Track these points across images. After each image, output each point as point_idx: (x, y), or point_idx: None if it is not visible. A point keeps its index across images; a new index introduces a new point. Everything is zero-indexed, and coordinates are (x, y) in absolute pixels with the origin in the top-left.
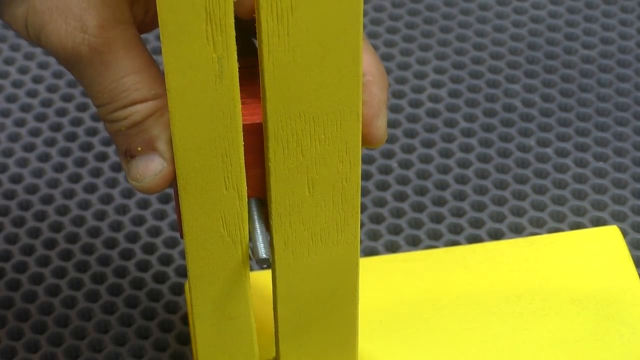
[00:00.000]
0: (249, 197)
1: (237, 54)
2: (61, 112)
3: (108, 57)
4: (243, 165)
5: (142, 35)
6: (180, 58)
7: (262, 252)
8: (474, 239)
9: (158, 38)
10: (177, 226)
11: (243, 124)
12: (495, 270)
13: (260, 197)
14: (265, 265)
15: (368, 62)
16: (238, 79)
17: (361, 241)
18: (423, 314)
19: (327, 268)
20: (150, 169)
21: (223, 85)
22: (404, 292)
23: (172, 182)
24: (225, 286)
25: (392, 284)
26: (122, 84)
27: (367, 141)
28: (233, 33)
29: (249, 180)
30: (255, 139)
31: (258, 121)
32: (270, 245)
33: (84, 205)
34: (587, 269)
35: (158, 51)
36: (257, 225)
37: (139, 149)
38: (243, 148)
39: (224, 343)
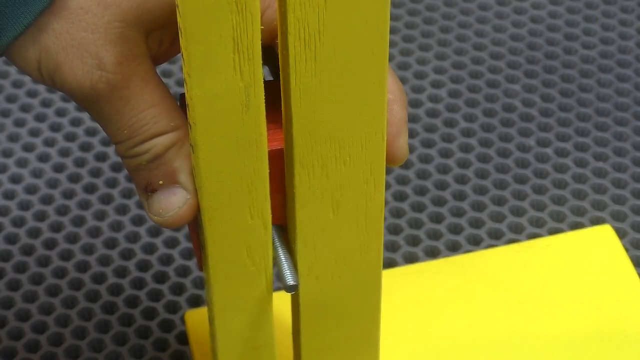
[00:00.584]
0: (275, 222)
1: None
2: (61, 112)
3: (126, 92)
4: (268, 193)
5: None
6: (207, 89)
7: (290, 280)
8: (473, 239)
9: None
10: (196, 258)
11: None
12: (495, 277)
13: (280, 224)
14: (292, 292)
15: (389, 81)
16: (264, 110)
17: None
18: (428, 327)
19: (350, 290)
20: (173, 202)
21: (250, 114)
22: (405, 306)
23: (195, 216)
24: (249, 316)
25: (393, 299)
26: (142, 119)
27: (389, 160)
28: (260, 61)
29: (273, 207)
30: (277, 165)
31: (279, 147)
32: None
33: (84, 205)
34: (586, 270)
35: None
36: (281, 252)
37: (161, 182)
38: (268, 179)
39: None
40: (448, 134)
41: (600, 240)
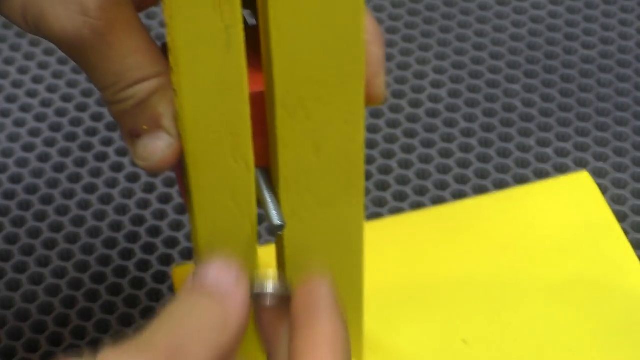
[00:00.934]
0: (256, 165)
1: None
2: (61, 112)
3: (110, 38)
4: (250, 136)
5: None
6: (187, 30)
7: (276, 219)
8: None
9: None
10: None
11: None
12: (476, 226)
13: (264, 166)
14: (279, 232)
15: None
16: (245, 51)
17: None
18: (411, 275)
19: (333, 234)
20: (157, 146)
21: (231, 55)
22: (388, 256)
23: (178, 160)
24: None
25: (376, 249)
26: (126, 64)
27: (368, 99)
28: (239, 2)
29: (255, 148)
30: (259, 108)
31: (261, 90)
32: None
33: (84, 205)
34: (565, 216)
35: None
36: (267, 193)
37: (145, 127)
38: (250, 122)
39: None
40: (448, 134)
41: (579, 187)
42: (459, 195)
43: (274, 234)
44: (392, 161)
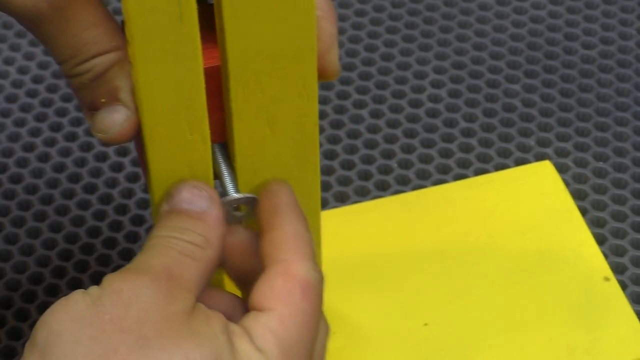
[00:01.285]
0: (216, 141)
1: None
2: (61, 112)
3: (68, 12)
4: (205, 109)
5: None
6: (141, 2)
7: (232, 192)
8: None
9: None
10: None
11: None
12: (439, 212)
13: (222, 142)
14: (234, 205)
15: None
16: (198, 23)
17: None
18: (375, 261)
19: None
20: (115, 119)
21: (184, 26)
22: (352, 243)
23: (136, 132)
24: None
25: (343, 236)
26: (83, 38)
27: (321, 75)
28: None
29: (210, 125)
30: (215, 83)
31: (216, 64)
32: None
33: (84, 205)
34: (527, 203)
35: None
36: (223, 167)
37: (103, 100)
38: (205, 94)
39: None
40: (448, 134)
41: (542, 175)
42: None
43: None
44: (392, 161)
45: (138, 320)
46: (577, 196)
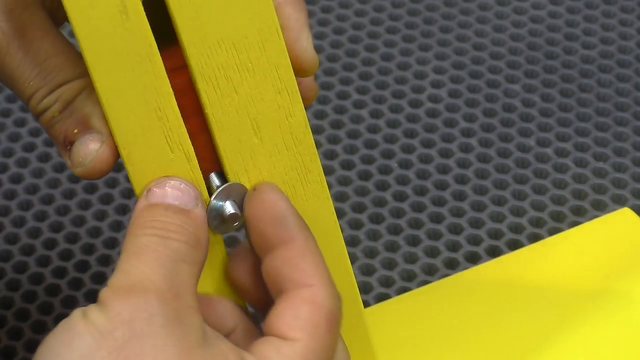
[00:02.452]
0: (207, 171)
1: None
2: None
3: (24, 42)
4: (180, 118)
5: None
6: (82, 7)
7: (230, 209)
8: (473, 239)
9: None
10: None
11: (175, 81)
12: (516, 282)
13: (219, 170)
14: (236, 224)
15: None
16: (145, 16)
17: (360, 241)
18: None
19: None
20: (90, 147)
21: (131, 22)
22: (435, 328)
23: (116, 159)
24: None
25: (421, 319)
26: (45, 68)
27: (297, 67)
28: None
29: (199, 149)
30: (189, 99)
31: (186, 77)
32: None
33: (84, 205)
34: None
35: None
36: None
37: (76, 131)
38: (174, 98)
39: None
40: (448, 134)
41: (623, 224)
42: (459, 196)
43: (232, 226)
44: (392, 161)
45: (154, 357)
46: (577, 196)
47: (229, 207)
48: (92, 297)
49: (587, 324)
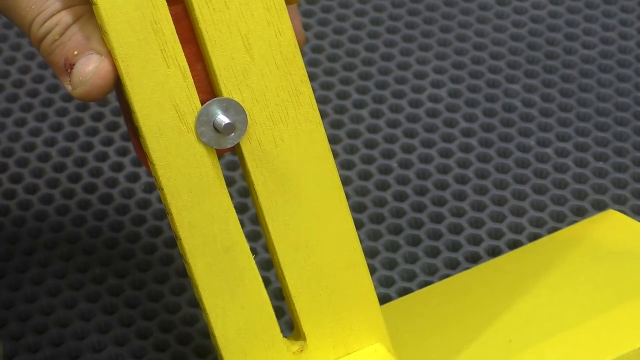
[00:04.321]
0: (203, 102)
1: None
2: (61, 112)
3: None
4: (175, 32)
5: None
6: None
7: (225, 119)
8: (473, 239)
9: None
10: (139, 157)
11: (170, 8)
12: (510, 282)
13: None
14: (232, 135)
15: None
16: None
17: (361, 241)
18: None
19: (298, 157)
20: (89, 67)
21: None
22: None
23: (115, 79)
24: (205, 206)
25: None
26: None
27: None
28: None
29: (195, 79)
30: (184, 25)
31: (182, 4)
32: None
33: (84, 205)
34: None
35: None
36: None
37: (76, 52)
38: (169, 11)
39: (228, 287)
40: (448, 134)
41: (611, 222)
42: (459, 196)
43: (228, 141)
44: (392, 161)
45: None
46: (578, 196)
47: (224, 118)
48: (92, 298)
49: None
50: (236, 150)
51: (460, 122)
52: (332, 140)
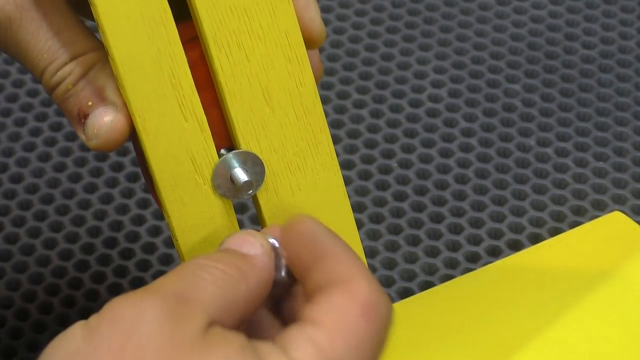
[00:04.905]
0: (218, 146)
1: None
2: (61, 112)
3: (37, 15)
4: (193, 86)
5: None
6: None
7: (243, 176)
8: (473, 239)
9: None
10: (154, 200)
11: (186, 54)
12: (514, 283)
13: (230, 147)
14: (250, 192)
15: None
16: None
17: (361, 240)
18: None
19: (316, 206)
20: (105, 119)
21: None
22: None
23: (130, 131)
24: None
25: (433, 319)
26: (59, 40)
27: (306, 37)
28: None
29: (210, 124)
30: (201, 71)
31: (200, 49)
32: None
33: (84, 205)
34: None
35: None
36: (232, 159)
37: (90, 103)
38: (188, 65)
39: None
40: (448, 134)
41: (616, 225)
42: (459, 196)
43: (245, 194)
44: (392, 161)
45: (139, 347)
46: (577, 196)
47: (242, 174)
48: (91, 297)
49: (587, 315)
50: (252, 198)
51: (460, 122)
52: (333, 139)
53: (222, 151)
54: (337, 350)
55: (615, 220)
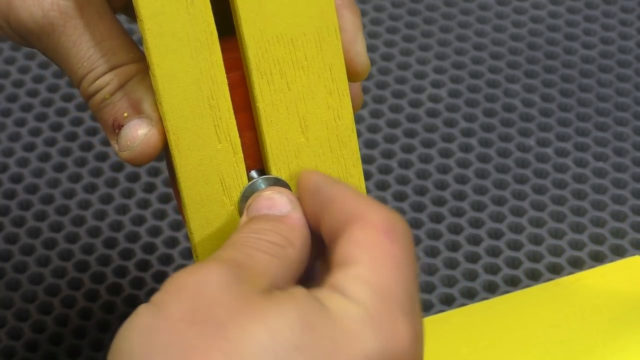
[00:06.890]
0: (248, 168)
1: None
2: (61, 112)
3: (80, 22)
4: (231, 109)
5: None
6: None
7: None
8: (473, 239)
9: None
10: (180, 214)
11: (227, 76)
12: (532, 318)
13: (259, 168)
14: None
15: None
16: (210, 3)
17: None
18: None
19: None
20: (139, 132)
21: (195, 7)
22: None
23: (163, 147)
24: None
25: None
26: (100, 49)
27: (350, 71)
28: None
29: (245, 146)
30: (241, 94)
31: (239, 71)
32: None
33: (84, 205)
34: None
35: None
36: (257, 179)
37: (125, 115)
38: (228, 88)
39: None
40: (448, 134)
41: (636, 270)
42: (459, 196)
43: None
44: (392, 161)
45: (209, 307)
46: (577, 196)
47: None
48: (91, 297)
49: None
50: None
51: (460, 122)
52: None
53: (253, 173)
54: (385, 277)
55: (634, 266)
